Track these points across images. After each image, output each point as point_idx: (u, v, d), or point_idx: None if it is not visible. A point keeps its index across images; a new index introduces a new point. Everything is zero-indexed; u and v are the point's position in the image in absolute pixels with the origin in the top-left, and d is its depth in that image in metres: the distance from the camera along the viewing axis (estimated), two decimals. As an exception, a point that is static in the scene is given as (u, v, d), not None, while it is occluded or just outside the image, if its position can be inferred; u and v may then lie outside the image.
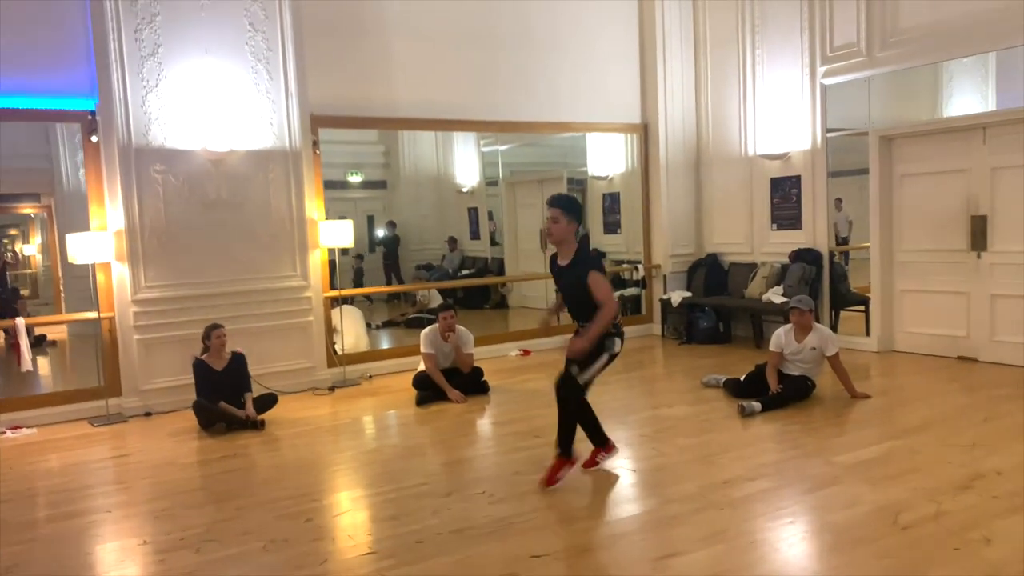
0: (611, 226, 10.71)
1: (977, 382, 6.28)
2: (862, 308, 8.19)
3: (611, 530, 3.66)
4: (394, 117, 7.85)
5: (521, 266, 11.15)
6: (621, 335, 4.21)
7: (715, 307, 8.69)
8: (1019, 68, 6.71)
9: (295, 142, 6.98)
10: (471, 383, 6.57)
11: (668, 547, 3.42)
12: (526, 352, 8.49)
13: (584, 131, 9.23)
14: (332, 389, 7.04)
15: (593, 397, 4.36)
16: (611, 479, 4.36)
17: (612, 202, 10.59)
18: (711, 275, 9.09)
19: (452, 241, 11.89)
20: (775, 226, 8.61)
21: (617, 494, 4.14)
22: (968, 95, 7.34)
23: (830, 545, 3.35)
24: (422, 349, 6.57)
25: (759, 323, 8.41)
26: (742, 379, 6.15)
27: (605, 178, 10.50)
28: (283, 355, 6.98)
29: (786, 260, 8.31)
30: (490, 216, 11.65)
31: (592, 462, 4.46)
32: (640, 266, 9.41)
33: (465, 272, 11.54)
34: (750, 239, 8.88)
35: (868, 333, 7.82)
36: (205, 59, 6.56)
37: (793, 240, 8.35)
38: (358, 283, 10.80)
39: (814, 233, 8.18)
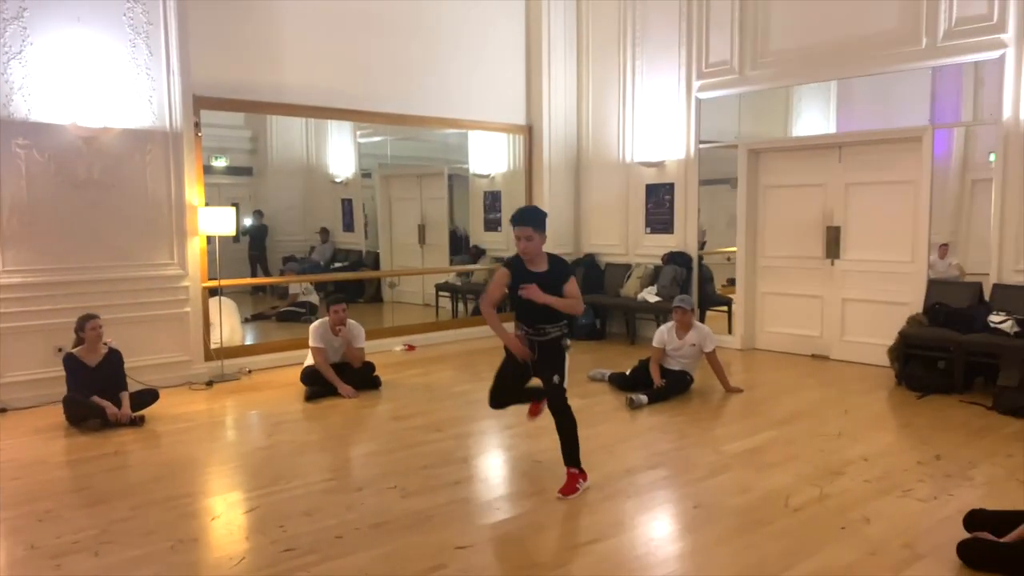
0: (492, 224, 10.83)
1: (831, 378, 6.90)
2: (725, 308, 8.80)
3: (529, 520, 3.76)
4: (281, 103, 7.61)
5: (397, 260, 11.07)
6: (567, 335, 4.25)
7: (593, 305, 9.01)
8: (871, 93, 7.46)
9: (176, 123, 6.62)
10: (362, 378, 6.49)
11: (588, 534, 3.57)
12: (411, 347, 8.45)
13: (472, 128, 9.30)
14: (210, 384, 6.73)
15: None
16: (519, 470, 4.47)
17: (493, 200, 10.72)
18: (589, 274, 9.42)
19: (324, 232, 11.58)
20: (648, 229, 9.05)
21: (528, 485, 4.24)
22: (820, 116, 8.04)
23: (734, 528, 3.61)
24: (311, 343, 6.41)
25: (633, 321, 8.81)
26: (627, 373, 6.44)
27: (487, 176, 10.61)
28: (157, 347, 6.60)
29: (659, 262, 8.76)
30: (364, 209, 11.47)
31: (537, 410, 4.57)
32: (522, 264, 9.58)
33: (338, 265, 11.30)
34: (625, 241, 9.28)
35: (731, 331, 8.38)
36: (77, 28, 6.09)
37: (665, 243, 8.81)
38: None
39: (685, 237, 8.67)
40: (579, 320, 8.96)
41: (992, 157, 6.91)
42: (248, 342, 7.92)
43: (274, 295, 10.95)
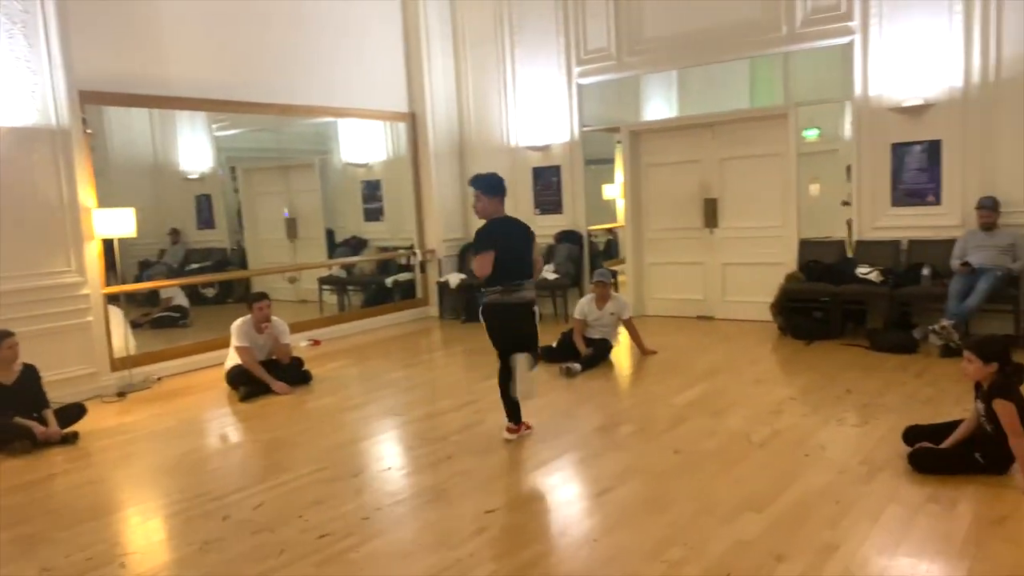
0: (373, 213, 10.78)
1: (724, 335, 7.62)
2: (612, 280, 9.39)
3: (539, 479, 4.01)
4: (167, 95, 7.25)
5: (265, 257, 10.72)
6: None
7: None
8: (731, 78, 8.24)
9: (62, 120, 6.16)
10: (293, 374, 6.40)
11: (600, 483, 3.87)
12: (316, 342, 8.34)
13: (355, 117, 9.22)
14: (122, 395, 6.37)
15: (449, 377, 4.63)
16: (501, 439, 4.67)
17: (373, 189, 10.68)
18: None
19: (175, 233, 10.91)
20: (538, 211, 9.44)
21: (521, 451, 4.46)
22: (698, 98, 8.78)
23: (719, 465, 4.06)
24: (235, 343, 6.25)
25: (534, 299, 9.19)
26: (554, 345, 6.80)
27: (364, 165, 10.56)
28: (61, 361, 6.12)
29: (552, 241, 9.18)
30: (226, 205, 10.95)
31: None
32: (418, 251, 9.69)
33: (195, 266, 10.74)
34: (515, 223, 9.60)
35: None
36: (-53, 17, 5.52)
37: (556, 223, 9.25)
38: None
39: (574, 216, 9.15)
40: (480, 301, 9.21)
41: (806, 133, 7.99)
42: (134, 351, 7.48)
43: (145, 303, 10.29)
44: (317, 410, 5.70)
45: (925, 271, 6.76)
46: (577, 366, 6.27)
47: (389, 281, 9.98)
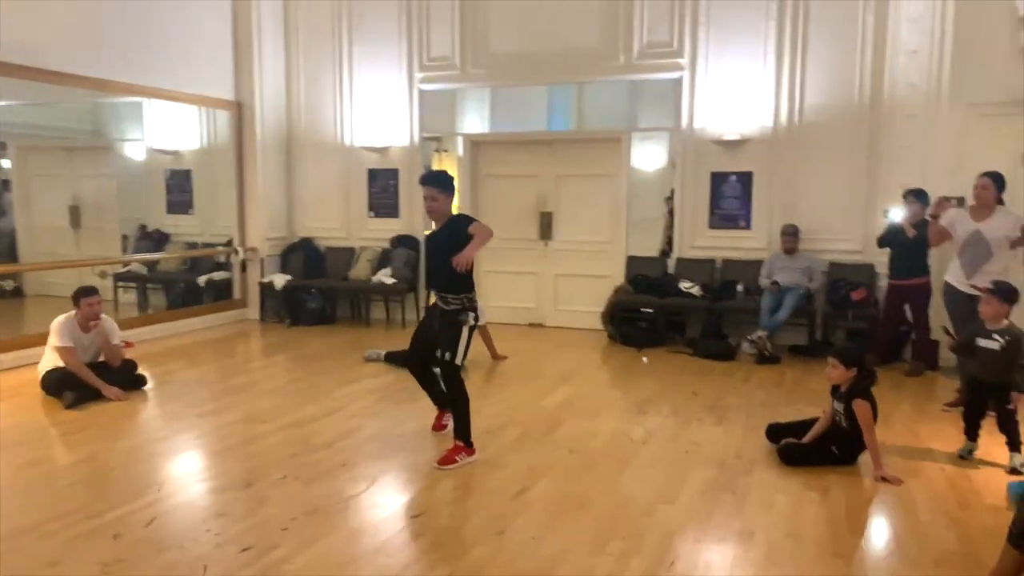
0: (179, 206, 9.97)
1: (560, 341, 7.99)
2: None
3: (448, 482, 3.99)
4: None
5: (43, 248, 9.55)
6: (475, 309, 4.35)
7: (321, 290, 8.99)
8: (575, 98, 8.71)
9: None
10: (125, 378, 5.78)
11: (512, 485, 3.94)
12: (129, 343, 7.54)
13: (177, 100, 8.49)
14: (-98, 403, 5.38)
15: (301, 382, 4.52)
16: (389, 443, 4.58)
17: (181, 180, 9.90)
18: (309, 258, 9.33)
19: (-90, 222, 9.44)
20: (372, 213, 9.30)
21: (419, 455, 4.39)
22: (536, 115, 9.15)
23: (615, 464, 4.31)
24: (57, 343, 5.54)
25: (368, 303, 9.03)
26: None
27: (172, 153, 9.76)
28: None
29: (387, 245, 9.09)
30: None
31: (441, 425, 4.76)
32: (240, 249, 9.11)
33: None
34: (347, 224, 9.39)
35: (460, 308, 9.10)
36: None
37: (391, 227, 9.17)
38: None
39: (411, 220, 9.13)
40: (309, 305, 8.89)
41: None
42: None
43: None
44: (166, 417, 5.20)
45: (740, 287, 7.59)
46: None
47: (202, 280, 9.29)
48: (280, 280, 9.03)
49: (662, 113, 8.62)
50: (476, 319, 4.33)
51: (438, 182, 4.36)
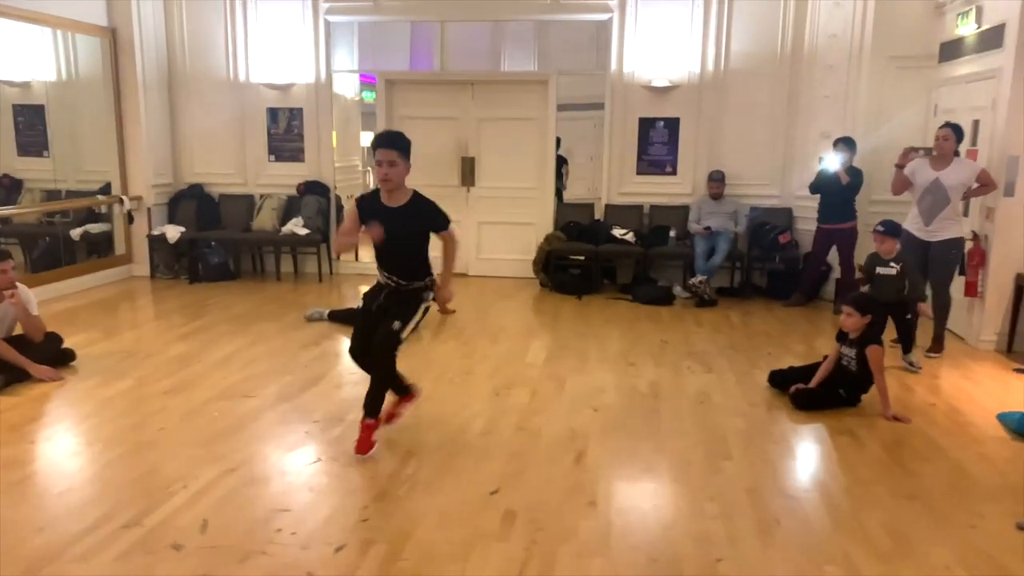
0: (30, 147, 8.66)
1: (493, 291, 7.81)
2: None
3: (434, 463, 3.79)
4: None
5: None
6: (432, 288, 3.88)
7: (223, 241, 8.20)
8: (490, 38, 8.37)
9: None
10: (51, 353, 4.99)
11: (569, 452, 3.82)
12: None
13: (33, 22, 7.24)
14: None
15: (257, 347, 4.17)
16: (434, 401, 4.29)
17: (32, 116, 8.58)
18: (202, 208, 8.47)
19: None
20: (273, 157, 8.55)
21: (449, 424, 4.14)
22: (457, 54, 8.69)
23: (647, 420, 4.29)
24: (-36, 318, 4.68)
25: (277, 256, 8.36)
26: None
27: (18, 84, 8.42)
28: None
29: (293, 192, 8.42)
30: None
31: (393, 414, 4.02)
32: (125, 199, 8.07)
33: None
34: (244, 170, 8.58)
35: (378, 259, 8.67)
36: None
37: (297, 172, 8.49)
38: None
39: (319, 166, 8.49)
40: (210, 259, 8.11)
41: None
42: None
43: None
44: (128, 399, 4.54)
45: (672, 233, 7.75)
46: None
47: (76, 233, 8.18)
48: (173, 232, 8.13)
49: (588, 56, 8.50)
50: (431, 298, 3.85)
51: (400, 144, 3.63)
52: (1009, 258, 5.69)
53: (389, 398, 3.90)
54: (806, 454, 3.87)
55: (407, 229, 3.66)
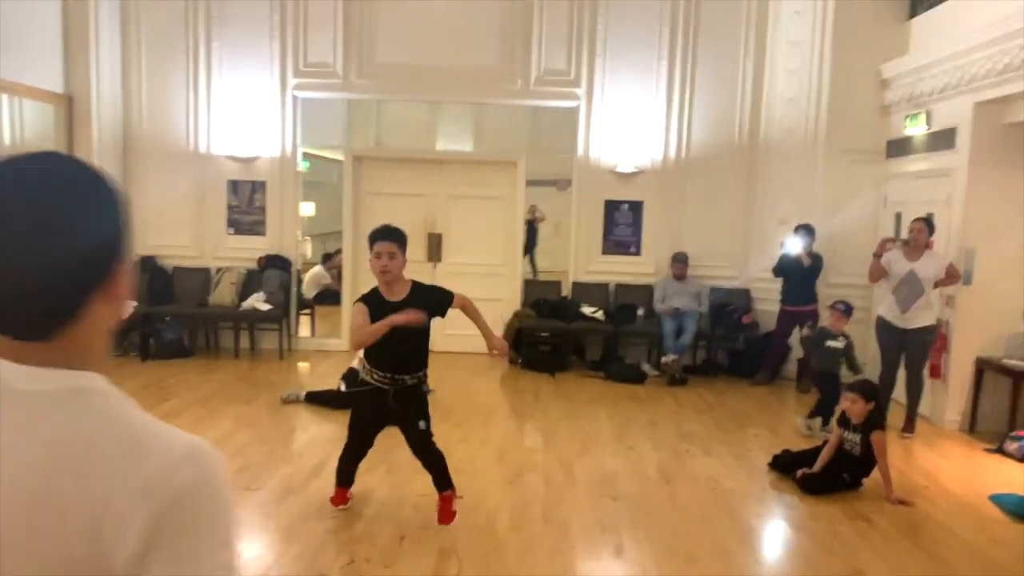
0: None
1: (463, 368, 7.70)
2: (308, 312, 8.84)
3: (475, 562, 3.72)
4: None
5: None
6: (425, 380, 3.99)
7: (178, 316, 7.85)
8: (465, 119, 8.51)
9: None
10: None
11: (602, 538, 3.78)
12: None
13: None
14: None
15: (252, 446, 4.08)
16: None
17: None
18: (156, 281, 8.11)
19: None
20: (232, 230, 8.32)
21: (441, 531, 4.03)
22: (427, 133, 8.78)
23: (669, 511, 4.30)
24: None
25: (238, 332, 8.04)
26: (343, 388, 6.15)
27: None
28: None
29: (253, 266, 8.19)
30: None
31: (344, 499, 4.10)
32: (77, 270, 7.63)
33: None
34: (200, 242, 8.30)
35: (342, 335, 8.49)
36: None
37: (257, 246, 8.27)
38: None
39: (281, 240, 8.31)
40: (165, 335, 7.74)
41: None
42: None
43: None
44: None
45: (640, 311, 7.92)
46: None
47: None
48: (126, 306, 7.71)
49: (558, 139, 8.72)
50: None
51: (399, 237, 3.86)
52: (969, 343, 6.08)
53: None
54: (833, 541, 3.95)
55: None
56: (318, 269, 9.57)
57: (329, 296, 9.78)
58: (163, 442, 0.86)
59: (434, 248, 8.44)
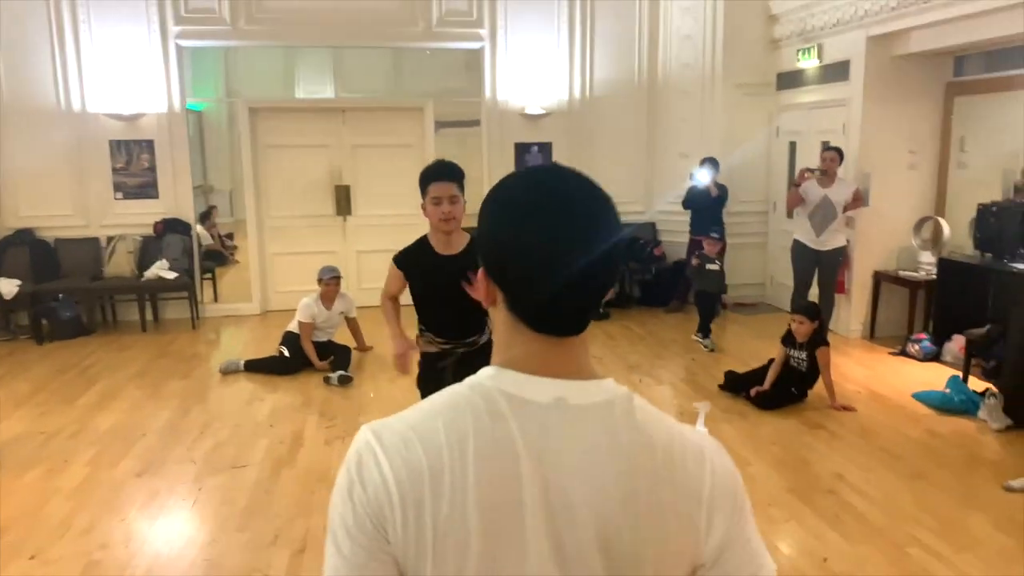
0: None
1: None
2: (208, 276, 8.40)
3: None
4: None
5: None
6: None
7: (72, 292, 7.22)
8: (366, 64, 8.20)
9: None
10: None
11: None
12: None
13: None
14: None
15: (206, 425, 4.07)
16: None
17: None
18: (37, 256, 7.40)
19: None
20: (120, 195, 7.69)
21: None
22: (320, 79, 8.37)
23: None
24: None
25: (144, 304, 7.49)
26: (286, 353, 5.96)
27: None
28: None
29: (149, 232, 7.64)
30: None
31: None
32: (-53, 251, 6.82)
33: None
34: (85, 211, 7.62)
35: (252, 299, 8.13)
36: None
37: (151, 210, 7.70)
38: None
39: (176, 202, 7.78)
40: (62, 314, 7.13)
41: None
42: None
43: None
44: (98, 486, 3.93)
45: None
46: (339, 376, 5.72)
47: None
48: (9, 287, 7.02)
49: (466, 82, 8.57)
50: None
51: (461, 176, 3.10)
52: (868, 259, 6.71)
53: None
54: (806, 450, 4.35)
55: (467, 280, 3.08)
56: (200, 229, 9.02)
57: (217, 257, 9.33)
58: (694, 438, 0.92)
59: (343, 201, 8.18)
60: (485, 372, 0.90)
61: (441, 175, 3.09)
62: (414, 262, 3.25)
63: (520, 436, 0.84)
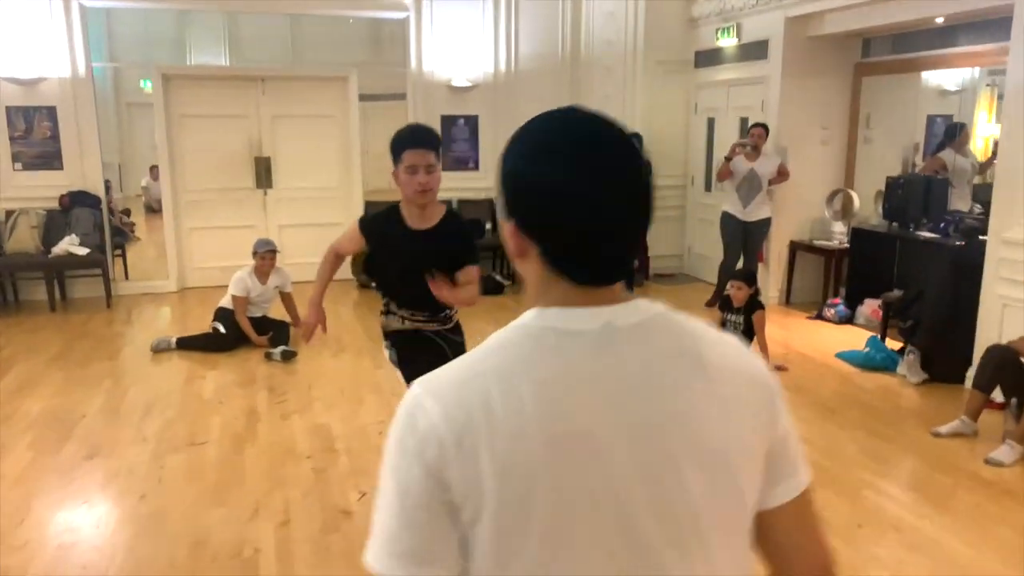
0: None
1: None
2: (119, 253, 7.99)
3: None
4: None
5: None
6: None
7: (-29, 271, 6.71)
8: (286, 32, 7.93)
9: None
10: None
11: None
12: None
13: None
14: None
15: (154, 402, 4.05)
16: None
17: None
18: (-72, 231, 6.82)
19: None
20: (19, 166, 7.17)
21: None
22: (247, 49, 8.02)
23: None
24: None
25: (53, 281, 7.02)
26: (221, 330, 5.76)
27: None
28: None
29: (55, 205, 7.17)
30: None
31: None
32: None
33: None
34: (-20, 182, 7.07)
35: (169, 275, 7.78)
36: None
37: (55, 182, 7.22)
38: None
39: (84, 174, 7.32)
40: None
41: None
42: None
43: None
44: (47, 472, 3.71)
45: (488, 226, 8.14)
46: (281, 351, 5.59)
47: None
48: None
49: (392, 53, 8.41)
50: None
51: (438, 143, 2.83)
52: (785, 229, 7.09)
53: None
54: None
55: (435, 260, 2.78)
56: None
57: (119, 234, 8.83)
58: (729, 337, 0.98)
59: (263, 174, 7.93)
60: (528, 315, 0.88)
61: (417, 141, 2.74)
62: (380, 231, 2.94)
63: (579, 364, 0.83)
